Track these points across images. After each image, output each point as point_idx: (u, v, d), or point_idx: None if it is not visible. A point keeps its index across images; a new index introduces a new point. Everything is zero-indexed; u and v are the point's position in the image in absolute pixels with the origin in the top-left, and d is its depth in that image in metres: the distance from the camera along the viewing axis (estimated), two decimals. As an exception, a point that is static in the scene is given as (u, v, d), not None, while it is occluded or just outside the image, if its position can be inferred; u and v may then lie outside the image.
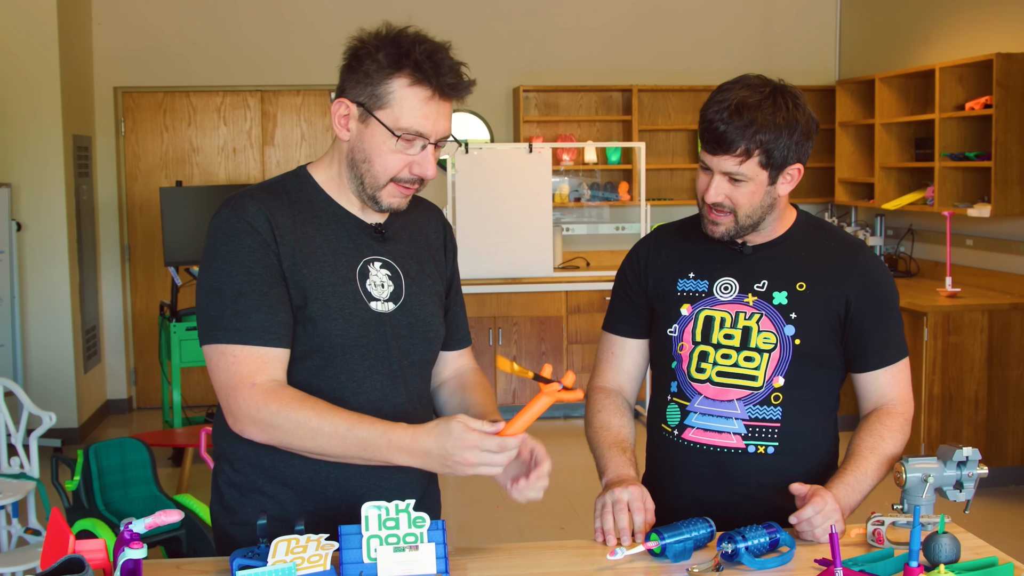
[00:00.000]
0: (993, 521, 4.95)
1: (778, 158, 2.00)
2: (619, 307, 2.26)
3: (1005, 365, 5.55)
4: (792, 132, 1.99)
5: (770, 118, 1.97)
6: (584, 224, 7.85)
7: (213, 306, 1.84)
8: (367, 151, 1.88)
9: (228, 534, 1.98)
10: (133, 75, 7.38)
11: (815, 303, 2.08)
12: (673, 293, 2.15)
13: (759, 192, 2.03)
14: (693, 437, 2.12)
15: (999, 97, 5.64)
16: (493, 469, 1.73)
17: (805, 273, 2.10)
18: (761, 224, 2.09)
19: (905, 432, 2.13)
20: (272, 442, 1.83)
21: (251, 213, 1.86)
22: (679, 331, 2.13)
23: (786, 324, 2.07)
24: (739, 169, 2.00)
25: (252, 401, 1.80)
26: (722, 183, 2.03)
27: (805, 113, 2.03)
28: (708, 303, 2.12)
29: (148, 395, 7.62)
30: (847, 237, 2.20)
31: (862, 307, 2.10)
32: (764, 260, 2.12)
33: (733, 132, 1.97)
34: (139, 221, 7.49)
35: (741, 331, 2.08)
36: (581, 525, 4.99)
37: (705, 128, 2.02)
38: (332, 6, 7.41)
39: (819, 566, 1.85)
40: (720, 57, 7.71)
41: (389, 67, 1.83)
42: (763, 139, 1.97)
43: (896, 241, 7.09)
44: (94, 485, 3.88)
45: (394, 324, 1.94)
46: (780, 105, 1.99)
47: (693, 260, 2.16)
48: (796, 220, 2.17)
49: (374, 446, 1.78)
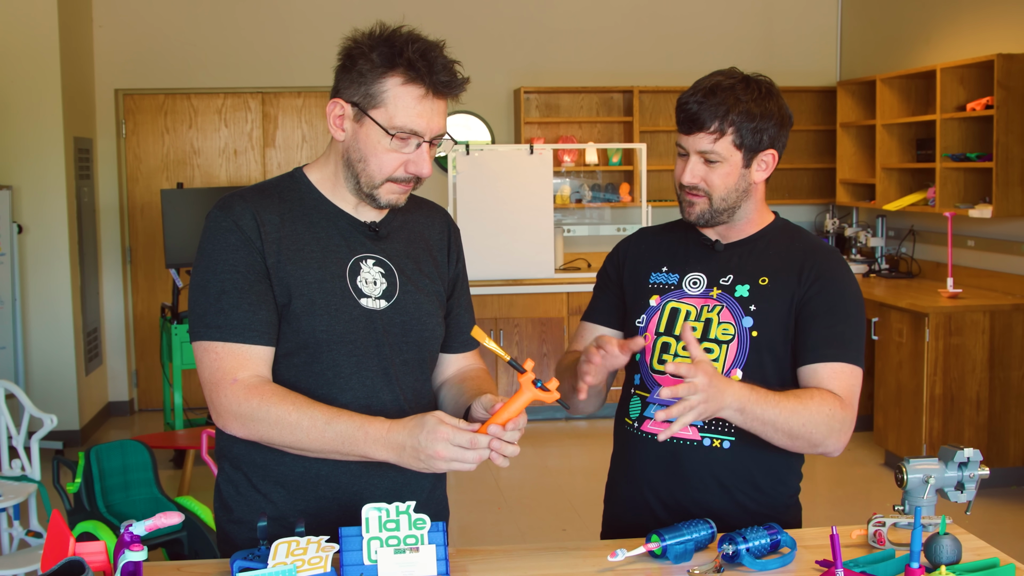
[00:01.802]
0: (994, 522, 4.94)
1: (751, 140, 2.05)
2: (596, 298, 2.31)
3: (1007, 366, 5.55)
4: (765, 116, 2.05)
5: (742, 99, 2.03)
6: (585, 225, 7.85)
7: (199, 304, 1.88)
8: (363, 151, 1.89)
9: (225, 531, 2.00)
10: (134, 77, 7.39)
11: (774, 296, 2.09)
12: (645, 285, 2.20)
13: (734, 174, 2.08)
14: (650, 428, 2.13)
15: (1000, 98, 5.64)
16: (465, 465, 1.72)
17: (769, 269, 2.12)
18: (737, 212, 2.12)
19: (836, 412, 1.98)
20: (253, 437, 1.84)
21: (237, 212, 1.89)
22: (646, 321, 2.16)
23: (744, 316, 2.08)
24: (713, 147, 2.05)
25: (233, 397, 1.82)
26: (697, 165, 2.08)
27: (778, 102, 2.09)
28: (676, 295, 2.16)
29: (149, 397, 7.62)
30: (820, 243, 2.20)
31: (812, 303, 2.08)
32: (734, 256, 2.15)
33: (706, 111, 2.03)
34: (140, 223, 7.50)
35: (703, 323, 2.11)
36: (582, 526, 4.99)
37: (680, 111, 2.09)
38: (333, 8, 7.42)
39: (820, 567, 1.85)
40: (721, 58, 7.69)
41: (382, 66, 1.84)
42: (735, 118, 2.03)
43: (897, 242, 7.09)
44: (95, 487, 3.88)
45: (386, 321, 1.94)
46: (753, 89, 2.06)
47: (667, 254, 2.21)
48: (772, 222, 2.20)
49: (351, 439, 1.78)
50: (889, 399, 5.88)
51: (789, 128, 2.12)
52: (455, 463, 1.71)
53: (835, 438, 2.00)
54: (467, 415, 1.91)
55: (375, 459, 1.79)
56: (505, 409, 1.76)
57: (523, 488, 5.65)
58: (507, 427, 1.75)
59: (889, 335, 5.86)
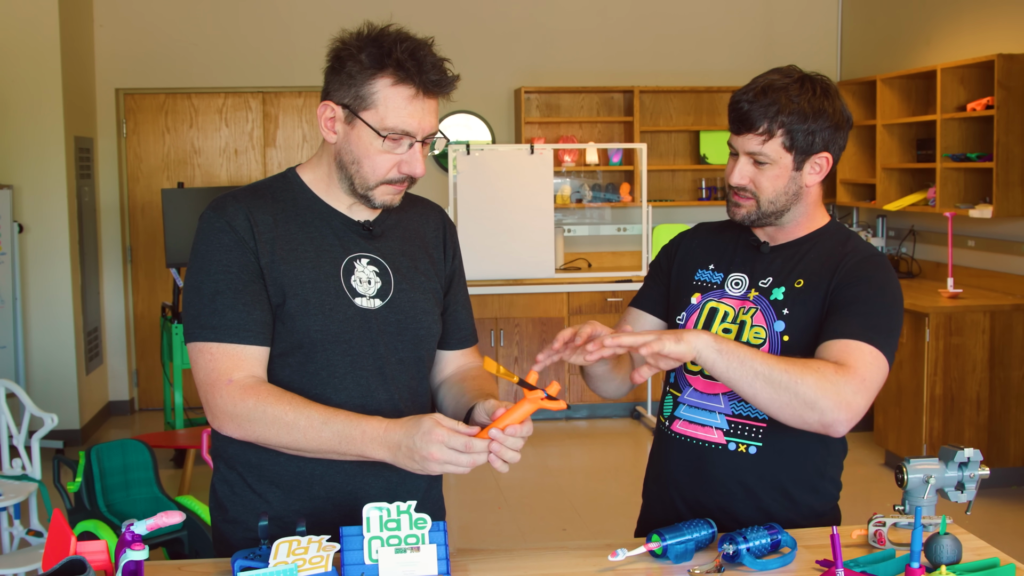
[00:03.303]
0: (995, 522, 4.94)
1: (802, 142, 1.99)
2: (647, 285, 2.27)
3: (1007, 366, 5.55)
4: (818, 117, 1.98)
5: (795, 100, 1.97)
6: (585, 225, 7.85)
7: (193, 305, 1.87)
8: (355, 153, 1.89)
9: (220, 531, 2.00)
10: (135, 76, 7.39)
11: (807, 300, 2.03)
12: (690, 281, 2.17)
13: (783, 177, 2.02)
14: (679, 429, 2.12)
15: (1000, 98, 5.64)
16: (459, 469, 1.71)
17: (806, 272, 2.06)
18: (786, 215, 2.06)
19: (830, 376, 1.85)
20: (249, 438, 1.83)
21: (231, 213, 1.89)
22: (685, 319, 2.13)
23: (776, 320, 2.03)
24: (762, 149, 2.00)
25: (229, 397, 1.81)
26: (746, 166, 2.03)
27: (835, 103, 2.01)
28: (716, 295, 2.12)
29: (150, 396, 7.62)
30: (866, 247, 2.08)
31: (844, 294, 1.99)
32: (777, 259, 2.10)
33: (756, 110, 1.98)
34: (141, 223, 7.50)
35: (738, 325, 2.07)
36: (583, 526, 4.99)
37: (731, 110, 2.03)
38: (333, 7, 7.41)
39: (820, 567, 1.85)
40: (722, 58, 7.70)
41: (371, 67, 1.84)
42: (785, 120, 1.97)
43: (898, 242, 7.09)
44: (96, 487, 3.88)
45: (380, 320, 1.94)
46: (807, 89, 1.99)
47: (716, 253, 2.17)
48: (825, 226, 2.12)
49: (348, 438, 1.77)
50: (889, 399, 5.88)
51: (848, 130, 2.04)
52: (448, 466, 1.70)
53: (830, 399, 1.83)
54: (469, 416, 1.91)
55: (371, 458, 1.78)
56: (507, 416, 1.75)
57: (524, 488, 5.66)
58: (507, 431, 1.73)
59: (889, 335, 5.85)
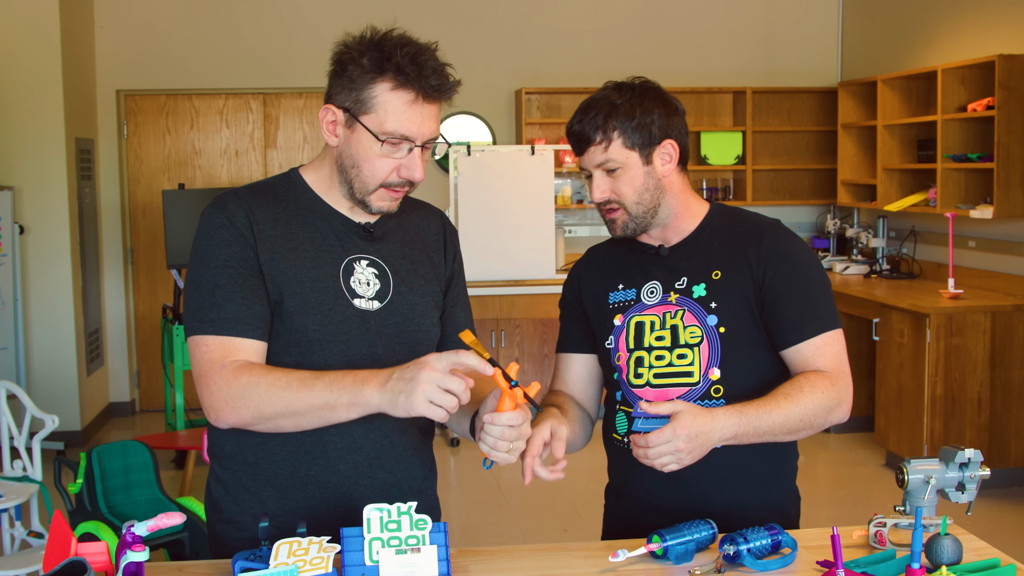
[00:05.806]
0: (995, 523, 4.94)
1: (640, 136, 2.07)
2: (564, 328, 2.31)
3: (1008, 366, 5.55)
4: (645, 111, 2.07)
5: (617, 103, 2.07)
6: (586, 226, 7.85)
7: (193, 299, 1.88)
8: (355, 156, 1.89)
9: (216, 531, 2.00)
10: (135, 78, 7.39)
11: (731, 288, 2.09)
12: (605, 306, 2.20)
13: (638, 176, 2.09)
14: None
15: (1001, 98, 5.64)
16: (445, 398, 1.67)
17: (719, 262, 2.11)
18: (660, 212, 2.12)
19: (829, 391, 2.01)
20: (246, 419, 1.81)
21: (231, 209, 1.90)
22: (615, 342, 2.16)
23: (708, 315, 2.08)
24: (607, 156, 2.07)
25: (223, 380, 1.80)
26: (602, 179, 2.10)
27: (658, 95, 2.11)
28: (637, 309, 2.15)
29: (151, 398, 7.62)
30: (758, 219, 2.18)
31: (774, 283, 2.07)
32: (681, 259, 2.14)
33: (587, 125, 2.08)
34: (141, 224, 7.50)
35: (670, 330, 2.10)
36: (584, 527, 4.99)
37: (568, 137, 2.14)
38: (334, 9, 7.42)
39: (821, 567, 1.85)
40: (722, 59, 7.70)
41: (372, 72, 1.84)
42: (615, 123, 2.06)
43: (898, 243, 7.09)
44: (97, 488, 3.88)
45: (379, 322, 1.94)
46: (625, 91, 2.10)
47: (620, 272, 2.21)
48: (708, 213, 2.19)
49: (339, 382, 1.76)
50: (890, 400, 5.88)
51: (681, 115, 2.13)
52: (435, 394, 1.67)
53: (837, 413, 2.03)
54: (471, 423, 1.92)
55: (362, 404, 1.75)
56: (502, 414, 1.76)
57: (524, 489, 5.65)
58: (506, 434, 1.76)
59: (890, 336, 5.86)
